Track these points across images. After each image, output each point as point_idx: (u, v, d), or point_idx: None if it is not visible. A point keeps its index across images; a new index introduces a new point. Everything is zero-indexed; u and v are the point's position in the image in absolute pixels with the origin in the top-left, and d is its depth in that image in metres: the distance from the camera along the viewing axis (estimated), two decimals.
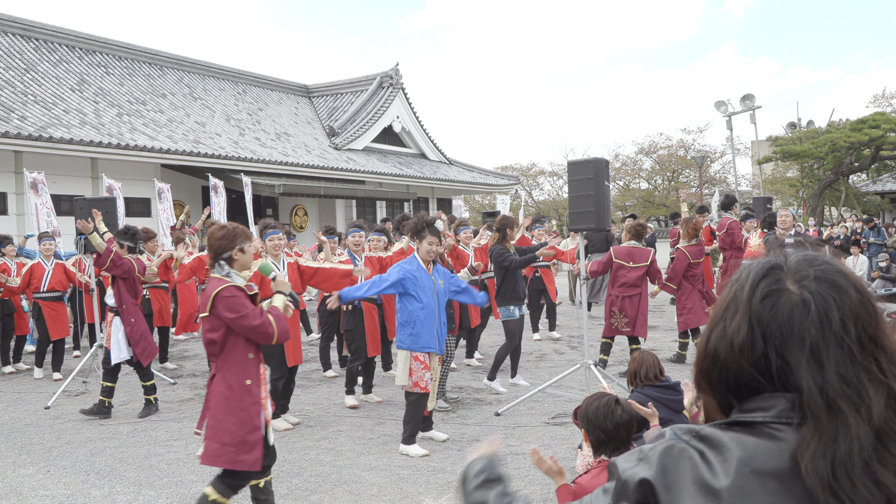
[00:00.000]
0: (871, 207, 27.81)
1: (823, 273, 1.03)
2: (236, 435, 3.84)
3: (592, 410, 3.03)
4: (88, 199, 8.64)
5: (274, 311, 3.98)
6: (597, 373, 6.80)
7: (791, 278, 1.03)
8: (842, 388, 0.96)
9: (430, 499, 4.71)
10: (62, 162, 15.82)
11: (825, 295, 1.00)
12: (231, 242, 4.02)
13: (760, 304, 1.03)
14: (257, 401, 3.94)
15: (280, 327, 3.94)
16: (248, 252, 4.08)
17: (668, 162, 39.36)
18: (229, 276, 4.00)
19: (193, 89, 24.22)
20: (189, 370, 9.35)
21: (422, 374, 5.57)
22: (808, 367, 0.98)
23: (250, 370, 3.94)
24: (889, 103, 33.61)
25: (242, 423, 3.86)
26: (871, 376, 0.96)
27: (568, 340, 10.88)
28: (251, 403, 3.90)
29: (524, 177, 40.12)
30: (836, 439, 0.93)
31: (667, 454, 1.02)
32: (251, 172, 19.04)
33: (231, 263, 4.04)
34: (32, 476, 5.42)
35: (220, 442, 3.85)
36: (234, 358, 3.92)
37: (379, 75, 27.90)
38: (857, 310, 1.00)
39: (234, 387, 3.88)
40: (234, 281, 3.97)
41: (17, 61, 18.74)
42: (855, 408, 0.95)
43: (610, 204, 7.17)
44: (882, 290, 13.55)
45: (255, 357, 3.98)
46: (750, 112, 26.08)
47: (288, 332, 4.02)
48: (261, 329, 3.86)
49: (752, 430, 1.00)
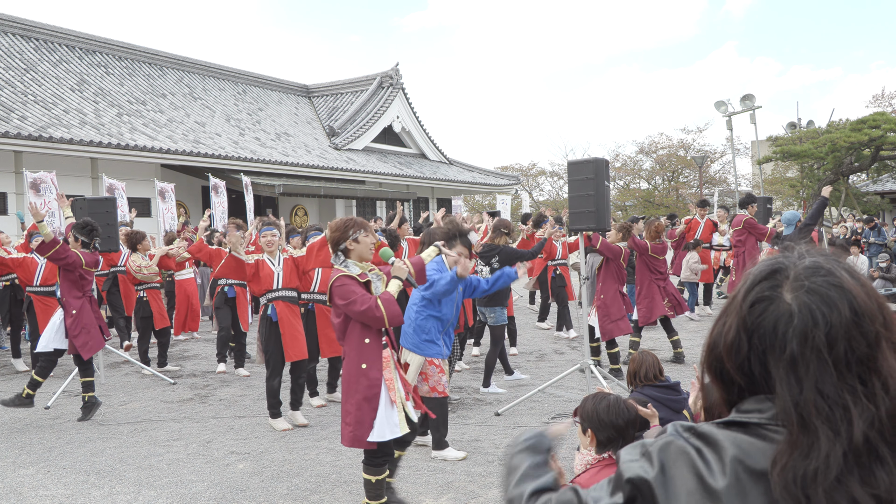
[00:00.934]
0: (871, 207, 27.80)
1: (820, 285, 0.99)
2: (354, 416, 4.12)
3: (603, 408, 3.04)
4: (88, 199, 8.66)
5: (385, 295, 4.16)
6: (597, 373, 6.80)
7: (789, 285, 1.01)
8: (818, 404, 0.93)
9: (430, 499, 4.71)
10: (62, 162, 15.82)
11: (814, 308, 0.97)
12: (344, 234, 4.26)
13: (749, 309, 1.02)
14: (374, 384, 4.15)
15: (389, 311, 4.11)
16: (362, 242, 4.27)
17: (668, 162, 39.38)
18: (345, 266, 4.26)
19: (193, 89, 24.22)
20: (189, 370, 9.35)
21: (439, 377, 5.47)
22: (786, 380, 0.96)
23: (366, 354, 4.18)
24: (889, 103, 33.62)
25: (359, 405, 4.11)
26: (855, 397, 0.93)
27: (568, 341, 10.88)
28: (367, 386, 4.14)
29: (524, 177, 40.12)
30: (808, 456, 0.92)
31: (665, 450, 1.03)
32: (251, 172, 19.04)
33: (347, 254, 4.29)
34: (32, 476, 5.42)
35: (344, 422, 4.18)
36: (352, 343, 4.20)
37: (379, 75, 27.90)
38: (849, 329, 0.96)
39: (352, 371, 4.17)
40: (350, 270, 4.22)
41: (17, 61, 18.73)
42: (830, 426, 0.92)
43: (610, 204, 7.17)
44: (882, 290, 13.55)
45: (372, 342, 4.19)
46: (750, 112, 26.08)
47: (400, 315, 4.19)
48: (368, 313, 4.06)
49: (748, 430, 0.99)
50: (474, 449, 5.72)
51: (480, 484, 4.92)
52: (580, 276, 7.40)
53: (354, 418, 4.12)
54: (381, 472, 4.26)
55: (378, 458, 4.23)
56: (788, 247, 1.10)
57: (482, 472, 5.17)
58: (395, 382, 4.27)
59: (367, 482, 4.28)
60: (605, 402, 3.08)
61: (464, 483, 4.96)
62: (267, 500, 4.79)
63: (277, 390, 6.50)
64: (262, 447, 5.95)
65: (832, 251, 1.09)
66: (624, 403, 3.10)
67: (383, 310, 4.09)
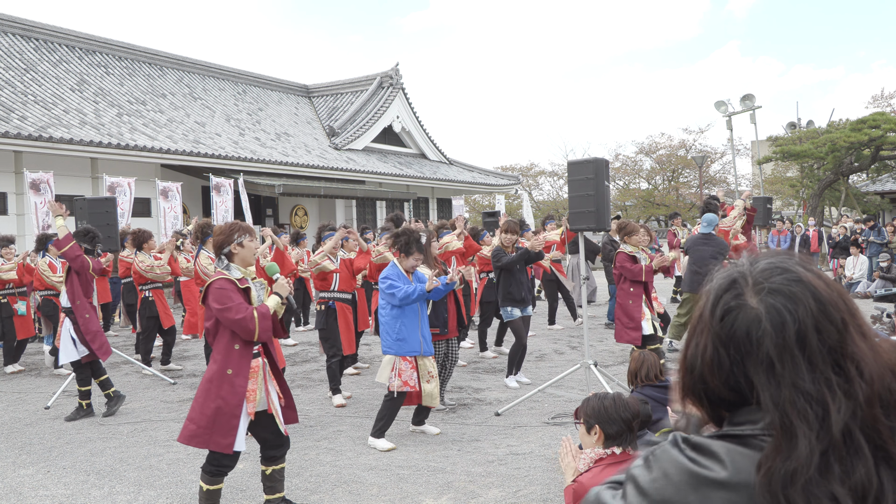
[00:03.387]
0: (870, 207, 27.80)
1: (781, 283, 1.00)
2: (211, 419, 4.03)
3: (609, 404, 3.15)
4: (88, 199, 8.65)
5: (262, 308, 4.10)
6: (597, 373, 6.80)
7: (750, 291, 1.01)
8: (795, 403, 0.93)
9: (430, 499, 4.71)
10: (62, 162, 15.82)
11: (780, 307, 0.98)
12: (229, 237, 4.21)
13: (720, 323, 1.02)
14: (239, 391, 4.07)
15: (262, 325, 4.04)
16: (247, 247, 4.23)
17: (668, 162, 39.36)
18: (227, 270, 4.20)
19: (193, 89, 24.22)
20: (189, 370, 9.35)
21: (410, 373, 5.80)
22: (767, 384, 0.96)
23: (234, 361, 4.08)
24: (889, 103, 33.61)
25: (219, 409, 4.03)
26: (832, 390, 0.93)
27: (568, 340, 10.88)
28: (230, 393, 4.05)
29: (524, 177, 40.11)
30: (789, 457, 0.92)
31: (659, 460, 1.03)
32: (251, 172, 19.05)
33: (231, 258, 4.23)
34: (32, 476, 5.42)
35: (196, 424, 4.07)
36: (221, 347, 4.11)
37: (379, 75, 27.90)
38: (817, 319, 0.97)
39: (216, 374, 4.08)
40: (231, 274, 4.17)
41: (17, 61, 18.73)
42: (808, 424, 0.92)
43: (610, 204, 7.17)
44: (882, 290, 13.54)
45: (241, 349, 4.10)
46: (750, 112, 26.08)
47: (270, 331, 4.11)
48: (241, 323, 4.00)
49: (742, 442, 0.99)
50: (474, 449, 5.72)
51: (480, 484, 4.92)
52: (580, 277, 7.39)
53: (208, 420, 4.02)
54: (217, 481, 4.18)
55: (219, 467, 4.16)
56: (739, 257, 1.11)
57: (482, 472, 5.17)
58: (259, 394, 4.20)
59: (200, 489, 4.19)
60: (609, 398, 3.20)
61: (464, 483, 4.96)
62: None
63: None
64: None
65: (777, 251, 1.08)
66: (625, 399, 3.19)
67: (257, 323, 4.02)
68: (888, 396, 0.95)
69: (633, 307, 7.24)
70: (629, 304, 7.27)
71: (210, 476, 4.16)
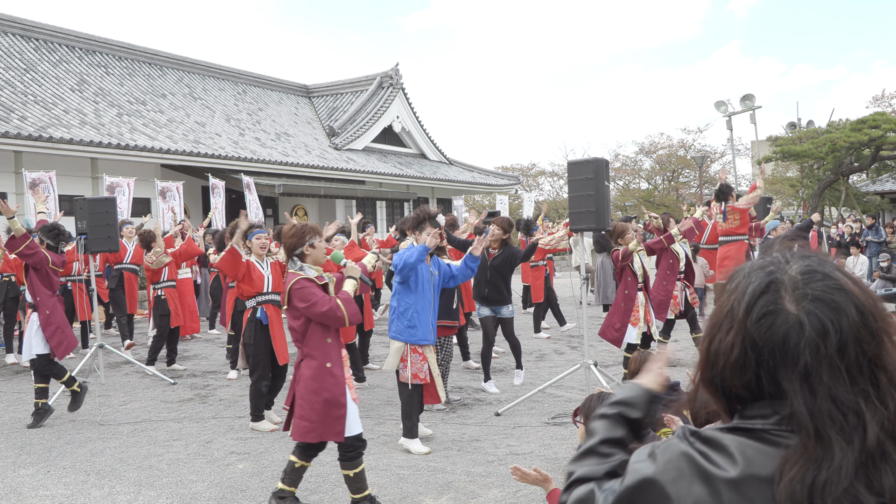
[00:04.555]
0: (871, 207, 27.80)
1: (823, 291, 0.98)
2: (322, 413, 4.23)
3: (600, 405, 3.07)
4: (88, 199, 8.64)
5: (343, 295, 4.33)
6: (597, 373, 6.80)
7: (790, 296, 0.99)
8: (832, 413, 0.92)
9: (430, 499, 4.71)
10: (62, 162, 15.82)
11: (822, 316, 0.96)
12: (300, 240, 4.45)
13: (756, 324, 1.00)
14: (340, 381, 4.30)
15: (349, 310, 4.27)
16: (318, 247, 4.48)
17: (667, 162, 39.36)
18: (302, 270, 4.43)
19: (193, 89, 24.22)
20: (189, 370, 9.35)
21: (421, 365, 5.64)
22: (800, 391, 0.95)
23: (330, 353, 4.31)
24: (889, 103, 33.62)
25: (327, 402, 4.23)
26: (868, 401, 0.93)
27: (568, 340, 10.88)
28: (333, 384, 4.27)
29: (524, 177, 40.11)
30: (820, 466, 0.91)
31: (668, 451, 1.02)
32: (251, 172, 19.04)
33: (303, 258, 4.47)
34: (32, 476, 5.42)
35: (308, 420, 4.25)
36: (314, 343, 4.30)
37: (379, 75, 27.91)
38: (858, 330, 0.95)
39: (317, 370, 4.26)
40: (307, 273, 4.39)
41: (17, 61, 18.74)
42: (844, 435, 0.91)
43: (610, 204, 7.17)
44: (882, 290, 13.55)
45: (334, 341, 4.35)
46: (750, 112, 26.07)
47: (358, 314, 4.35)
48: (330, 314, 4.21)
49: (753, 435, 0.99)
50: (474, 449, 5.72)
51: (480, 484, 4.92)
52: (580, 276, 7.39)
53: (319, 414, 4.22)
54: (357, 464, 4.36)
55: (352, 452, 4.35)
56: (769, 249, 1.08)
57: (482, 472, 5.17)
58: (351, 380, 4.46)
59: (346, 478, 4.38)
60: (604, 399, 3.11)
61: (464, 483, 4.95)
62: (267, 500, 4.78)
63: (264, 394, 6.52)
64: (262, 447, 5.94)
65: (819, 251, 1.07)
66: None
67: (344, 310, 4.25)
68: None
69: (625, 309, 7.28)
70: (621, 307, 7.33)
71: (350, 462, 4.34)
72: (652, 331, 7.34)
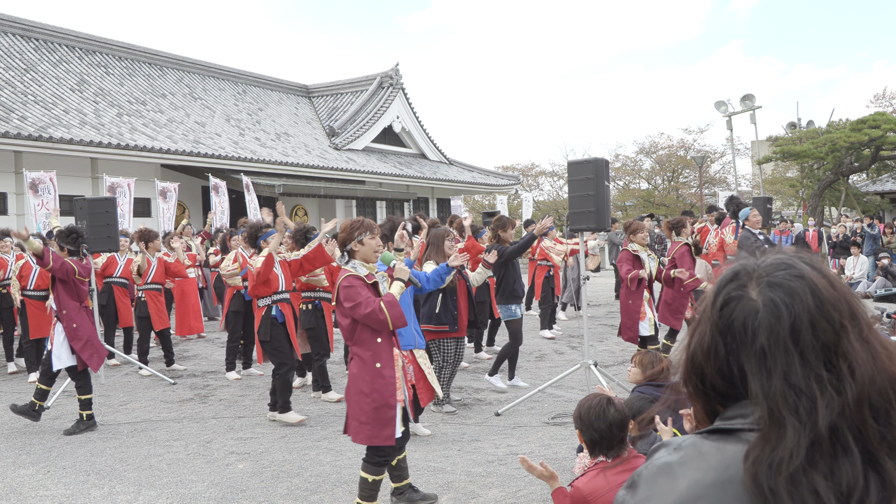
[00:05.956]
0: (871, 207, 27.80)
1: (783, 278, 1.02)
2: (371, 414, 4.11)
3: (585, 410, 3.04)
4: (88, 199, 8.64)
5: (387, 297, 4.15)
6: (597, 373, 6.81)
7: (753, 283, 1.03)
8: (786, 395, 0.95)
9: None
10: (62, 162, 15.81)
11: (777, 301, 1.00)
12: (349, 234, 4.29)
13: (720, 312, 1.04)
14: (390, 382, 4.17)
15: (393, 313, 4.09)
16: (367, 244, 4.29)
17: (668, 162, 39.36)
18: (353, 267, 4.27)
19: (193, 89, 24.22)
20: (189, 370, 9.35)
21: (407, 367, 5.67)
22: (758, 374, 0.98)
23: (380, 353, 4.16)
24: (889, 103, 33.61)
25: (375, 402, 4.11)
26: (822, 386, 0.95)
27: (568, 340, 10.88)
28: (383, 385, 4.14)
29: (524, 177, 40.11)
30: (776, 447, 0.93)
31: (645, 473, 1.04)
32: (251, 172, 19.04)
33: (352, 255, 4.31)
34: (32, 476, 5.42)
35: (357, 420, 4.15)
36: (364, 342, 4.18)
37: (379, 75, 27.90)
38: (813, 315, 0.98)
39: (364, 370, 4.15)
40: (357, 271, 4.23)
41: (17, 61, 18.73)
42: (798, 416, 0.93)
43: (610, 204, 7.18)
44: (882, 289, 13.55)
45: (384, 341, 4.19)
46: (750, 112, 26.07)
47: (402, 317, 4.16)
48: (372, 316, 4.06)
49: (732, 437, 1.00)
50: (474, 449, 5.72)
51: (480, 484, 4.92)
52: (581, 277, 7.39)
53: (372, 417, 4.11)
54: (380, 472, 4.26)
55: (381, 457, 4.24)
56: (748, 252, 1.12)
57: (482, 472, 5.17)
58: (401, 382, 4.30)
59: (363, 481, 4.26)
60: (588, 404, 3.06)
61: (464, 483, 4.96)
62: (267, 500, 4.79)
63: (292, 385, 6.80)
64: (262, 447, 5.95)
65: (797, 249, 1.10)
66: (611, 406, 3.03)
67: (387, 313, 4.09)
68: (880, 401, 0.95)
69: (633, 307, 7.33)
70: (629, 304, 7.37)
71: (375, 467, 4.24)
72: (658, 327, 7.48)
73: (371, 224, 4.34)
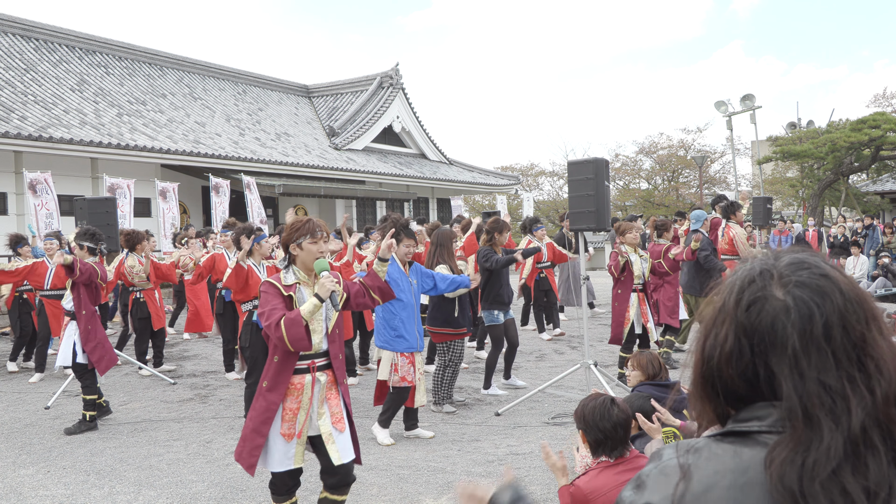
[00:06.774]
0: (871, 207, 27.79)
1: (808, 277, 1.01)
2: (245, 432, 3.73)
3: (589, 411, 3.03)
4: (88, 199, 8.64)
5: (291, 314, 3.59)
6: (597, 373, 6.80)
7: (777, 283, 1.02)
8: (820, 396, 0.94)
9: (430, 499, 4.71)
10: (62, 162, 15.82)
11: (808, 300, 0.98)
12: (289, 236, 3.80)
13: (745, 313, 1.02)
14: (269, 408, 3.66)
15: (291, 333, 3.52)
16: (305, 249, 3.74)
17: (667, 162, 39.35)
18: (285, 270, 3.84)
19: (193, 89, 24.22)
20: (189, 370, 9.35)
21: (408, 369, 5.94)
22: (790, 375, 0.96)
23: (270, 373, 3.70)
24: (889, 103, 33.62)
25: (252, 422, 3.71)
26: (853, 385, 0.94)
27: (568, 340, 10.88)
28: (262, 408, 3.67)
29: (524, 177, 40.11)
30: (809, 448, 0.92)
31: (654, 473, 1.02)
32: (251, 172, 19.05)
33: (293, 260, 3.83)
34: (32, 476, 5.42)
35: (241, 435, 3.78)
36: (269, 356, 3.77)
37: (379, 75, 27.90)
38: (843, 314, 0.97)
39: (259, 386, 3.76)
40: (284, 277, 3.79)
41: (17, 61, 18.73)
42: (832, 417, 0.93)
43: (610, 204, 7.18)
44: (882, 289, 13.54)
45: (280, 361, 3.68)
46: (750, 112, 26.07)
47: (303, 340, 3.56)
48: (269, 331, 3.58)
49: (747, 440, 0.98)
50: (474, 449, 5.72)
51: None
52: (581, 278, 7.38)
53: (245, 436, 3.72)
54: (279, 499, 3.87)
55: (274, 485, 3.85)
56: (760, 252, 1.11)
57: (482, 472, 5.17)
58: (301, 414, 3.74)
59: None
60: (592, 404, 3.06)
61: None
62: (267, 500, 4.78)
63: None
64: None
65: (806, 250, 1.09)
66: (614, 406, 3.04)
67: (283, 330, 3.51)
68: None
69: (619, 309, 7.42)
70: (615, 306, 7.48)
71: (273, 494, 3.89)
72: (650, 329, 7.40)
73: (315, 227, 3.75)
